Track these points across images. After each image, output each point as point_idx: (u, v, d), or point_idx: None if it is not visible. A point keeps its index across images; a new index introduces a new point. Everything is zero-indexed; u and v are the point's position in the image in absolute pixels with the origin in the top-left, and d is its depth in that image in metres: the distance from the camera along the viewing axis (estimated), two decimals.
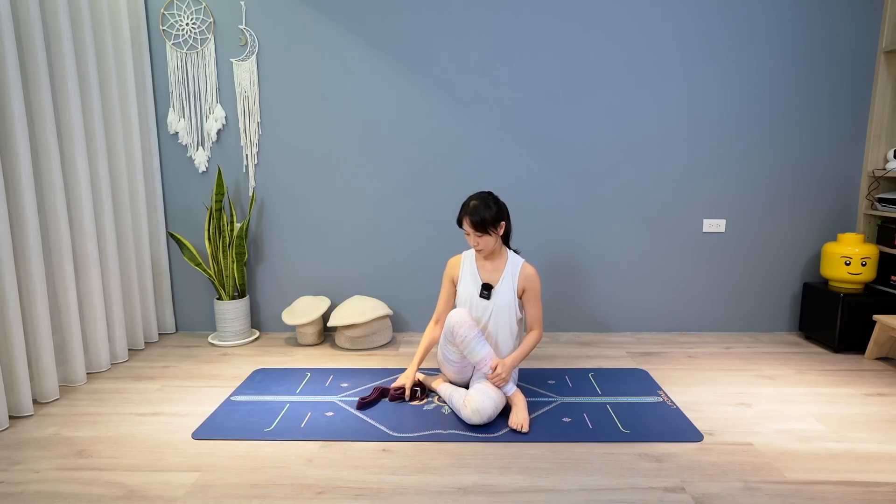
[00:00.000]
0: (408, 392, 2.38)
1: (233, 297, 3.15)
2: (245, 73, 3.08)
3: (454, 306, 2.46)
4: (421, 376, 2.52)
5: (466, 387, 2.38)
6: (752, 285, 3.27)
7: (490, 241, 2.25)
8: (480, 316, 2.31)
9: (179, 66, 3.08)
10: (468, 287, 2.35)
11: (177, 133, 3.16)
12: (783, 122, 3.10)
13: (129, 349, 3.03)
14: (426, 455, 1.95)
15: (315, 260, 3.28)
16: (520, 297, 2.33)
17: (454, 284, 2.43)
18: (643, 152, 3.13)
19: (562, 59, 3.05)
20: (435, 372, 2.65)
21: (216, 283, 3.07)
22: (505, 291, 2.29)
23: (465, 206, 2.25)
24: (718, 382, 2.57)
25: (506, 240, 2.37)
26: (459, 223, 2.27)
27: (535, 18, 3.01)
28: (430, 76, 3.07)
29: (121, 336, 2.85)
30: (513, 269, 2.30)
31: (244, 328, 3.16)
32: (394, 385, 2.41)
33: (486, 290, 2.30)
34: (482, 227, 2.20)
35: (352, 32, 3.05)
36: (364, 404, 2.32)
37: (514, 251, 2.37)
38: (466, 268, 2.39)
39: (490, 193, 2.28)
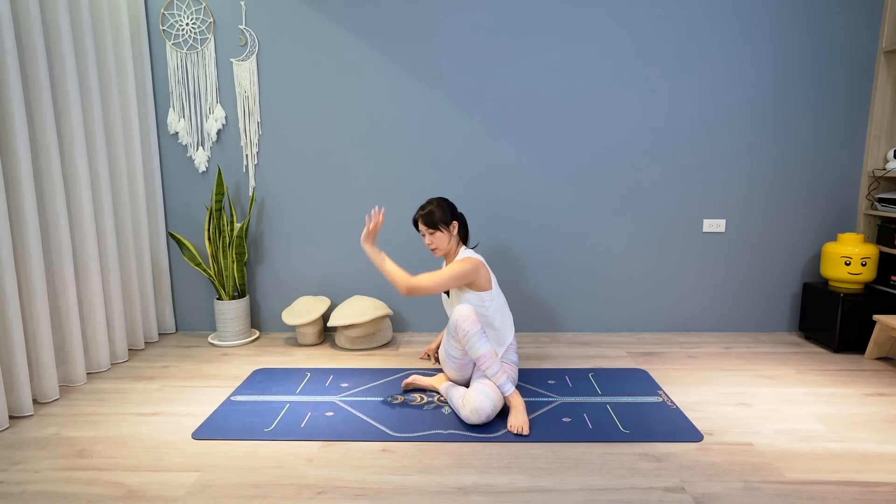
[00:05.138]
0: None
1: (233, 297, 3.15)
2: (245, 73, 3.08)
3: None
4: (423, 380, 2.51)
5: (467, 385, 2.38)
6: (752, 285, 3.27)
7: (443, 239, 2.38)
8: (450, 313, 2.41)
9: (179, 66, 3.08)
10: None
11: (177, 133, 3.16)
12: (783, 122, 3.10)
13: (129, 349, 3.03)
14: (426, 455, 1.95)
15: (315, 260, 3.28)
16: (467, 286, 2.33)
17: None
18: (643, 152, 3.13)
19: (561, 60, 3.05)
20: (436, 372, 2.65)
21: (216, 283, 3.07)
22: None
23: (419, 209, 2.41)
24: (718, 382, 2.57)
25: (465, 240, 2.49)
26: (415, 223, 2.42)
27: (535, 19, 3.01)
28: (431, 76, 3.07)
29: (121, 336, 2.85)
30: None
31: (244, 328, 3.16)
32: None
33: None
34: (433, 223, 2.36)
35: (352, 32, 3.05)
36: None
37: (473, 248, 2.51)
38: None
39: (443, 198, 2.43)
